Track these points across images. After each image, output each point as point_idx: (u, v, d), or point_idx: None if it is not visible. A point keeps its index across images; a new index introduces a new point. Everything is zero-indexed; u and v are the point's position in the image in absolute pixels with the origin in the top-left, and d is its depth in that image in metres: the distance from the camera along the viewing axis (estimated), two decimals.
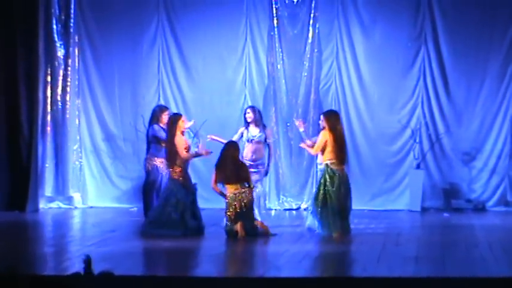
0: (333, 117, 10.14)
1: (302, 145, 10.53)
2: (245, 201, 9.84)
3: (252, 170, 10.39)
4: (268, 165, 10.76)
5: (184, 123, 10.20)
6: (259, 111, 10.97)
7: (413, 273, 7.84)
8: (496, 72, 12.54)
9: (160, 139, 10.65)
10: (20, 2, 12.24)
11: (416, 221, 11.78)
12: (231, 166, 9.86)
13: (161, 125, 10.75)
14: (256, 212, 10.28)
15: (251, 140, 10.70)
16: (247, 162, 10.48)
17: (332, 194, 9.94)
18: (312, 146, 10.22)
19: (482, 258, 8.63)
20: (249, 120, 10.83)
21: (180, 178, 10.03)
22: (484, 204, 12.59)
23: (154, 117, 10.91)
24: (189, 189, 10.08)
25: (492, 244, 9.48)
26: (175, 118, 10.26)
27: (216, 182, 9.99)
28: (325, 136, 10.00)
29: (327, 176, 9.98)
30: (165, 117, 10.80)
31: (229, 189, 9.91)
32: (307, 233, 10.17)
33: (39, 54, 12.42)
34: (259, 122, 10.78)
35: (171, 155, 10.02)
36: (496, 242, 9.62)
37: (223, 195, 9.98)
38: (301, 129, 10.59)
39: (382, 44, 12.67)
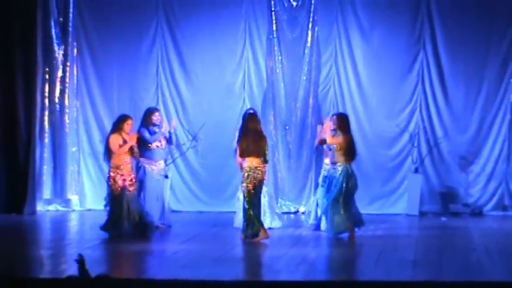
0: (346, 119, 10.28)
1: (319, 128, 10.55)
2: (256, 181, 9.82)
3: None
4: None
5: (129, 126, 10.22)
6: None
7: (411, 277, 7.84)
8: (493, 77, 12.55)
9: (146, 141, 10.67)
10: (18, 4, 12.24)
11: (414, 225, 11.78)
12: (251, 137, 9.84)
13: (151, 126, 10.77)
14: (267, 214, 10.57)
15: None
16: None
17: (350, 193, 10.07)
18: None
19: (479, 263, 8.64)
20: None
21: (118, 176, 10.08)
22: (481, 208, 12.60)
23: (143, 119, 10.94)
24: (124, 188, 10.09)
25: (489, 248, 9.48)
26: (119, 119, 10.33)
27: (241, 155, 9.90)
28: (346, 138, 10.08)
29: (348, 176, 10.05)
30: (154, 119, 10.88)
31: (248, 163, 9.84)
32: (306, 236, 10.18)
33: (37, 57, 12.42)
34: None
35: (106, 153, 10.20)
36: (493, 247, 9.63)
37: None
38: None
39: (380, 48, 12.68)
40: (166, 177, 11.14)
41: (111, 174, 10.17)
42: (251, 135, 9.88)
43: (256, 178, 9.85)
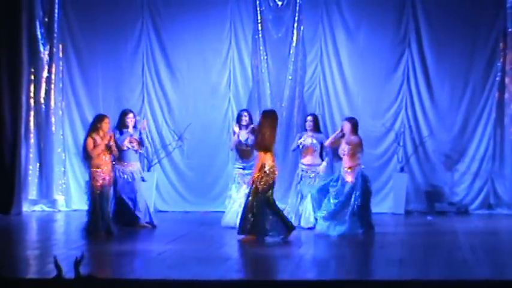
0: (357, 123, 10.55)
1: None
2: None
3: (245, 172, 10.77)
4: None
5: (107, 125, 10.21)
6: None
7: (397, 275, 7.86)
8: (479, 76, 12.62)
9: (117, 142, 10.66)
10: (2, 4, 12.17)
11: (400, 223, 11.83)
12: (273, 133, 9.87)
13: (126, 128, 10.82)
14: None
15: (244, 143, 10.93)
16: (241, 165, 10.83)
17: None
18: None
19: (465, 261, 8.68)
20: (244, 123, 11.04)
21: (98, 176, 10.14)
22: (467, 207, 12.66)
23: (118, 121, 10.99)
24: (104, 187, 10.16)
25: (475, 247, 9.53)
26: (96, 119, 10.34)
27: (271, 151, 9.92)
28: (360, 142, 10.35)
29: (367, 179, 10.37)
30: (127, 121, 10.90)
31: (270, 159, 9.89)
32: (291, 236, 10.21)
33: (22, 57, 12.36)
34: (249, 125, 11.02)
35: (84, 154, 10.30)
36: (478, 245, 9.68)
37: None
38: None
39: (366, 47, 12.72)
40: (143, 179, 11.04)
41: (92, 174, 10.17)
42: (272, 132, 9.94)
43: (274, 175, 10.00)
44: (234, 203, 10.89)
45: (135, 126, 10.97)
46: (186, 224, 11.49)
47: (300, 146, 11.02)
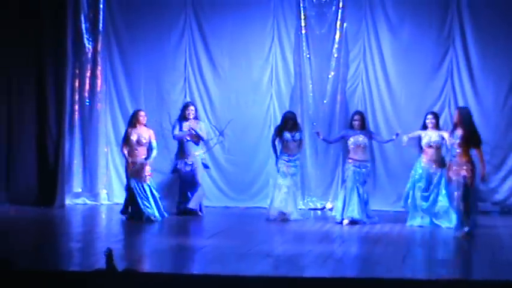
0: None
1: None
2: None
3: (290, 164, 11.27)
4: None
5: (143, 118, 11.15)
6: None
7: (439, 275, 7.79)
8: None
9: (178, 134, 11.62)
10: (48, 0, 12.33)
11: None
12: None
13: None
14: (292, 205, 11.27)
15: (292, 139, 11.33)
16: (287, 158, 11.25)
17: None
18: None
19: (508, 261, 8.57)
20: (289, 126, 11.36)
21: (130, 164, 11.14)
22: (510, 207, 12.48)
23: (180, 114, 11.79)
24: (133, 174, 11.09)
25: None
26: (132, 113, 11.43)
27: None
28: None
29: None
30: (188, 113, 11.60)
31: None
32: (333, 232, 10.18)
33: (67, 52, 12.51)
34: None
35: (121, 146, 11.43)
36: None
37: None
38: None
39: (409, 44, 12.60)
40: (206, 166, 11.88)
41: (126, 165, 11.17)
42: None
43: None
44: (281, 190, 11.22)
45: (196, 118, 11.60)
46: (227, 219, 11.52)
47: (351, 146, 11.09)
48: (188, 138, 11.55)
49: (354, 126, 11.20)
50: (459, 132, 10.20)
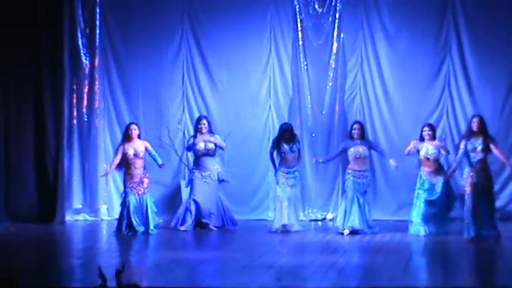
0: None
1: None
2: None
3: (289, 176, 11.20)
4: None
5: (135, 132, 11.28)
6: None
7: (439, 283, 7.79)
8: None
9: (194, 147, 11.63)
10: (45, 15, 12.35)
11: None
12: None
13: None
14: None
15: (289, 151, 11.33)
16: (286, 170, 11.24)
17: None
18: None
19: (509, 269, 8.57)
20: (287, 137, 11.37)
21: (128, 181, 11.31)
22: (510, 214, 12.48)
23: (195, 128, 11.84)
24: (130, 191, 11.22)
25: None
26: (125, 128, 11.54)
27: None
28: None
29: None
30: (201, 126, 11.63)
31: None
32: (334, 243, 10.18)
33: (64, 68, 12.52)
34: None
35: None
36: None
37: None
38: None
39: (406, 53, 12.64)
40: (222, 181, 11.77)
41: (124, 179, 11.27)
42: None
43: None
44: (283, 203, 11.17)
45: (210, 131, 11.60)
46: (228, 232, 11.51)
47: (351, 156, 11.12)
48: (204, 152, 11.52)
49: (353, 135, 11.21)
50: (479, 139, 10.31)
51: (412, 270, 8.70)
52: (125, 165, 11.19)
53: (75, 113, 12.90)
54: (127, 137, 11.25)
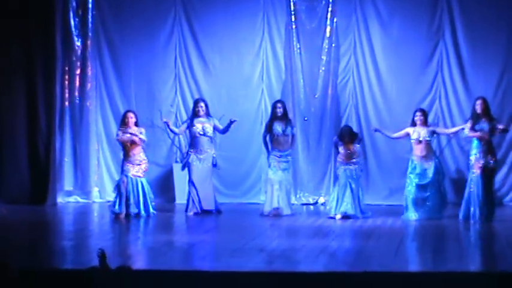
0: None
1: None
2: None
3: (282, 159, 11.18)
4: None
5: (131, 120, 11.15)
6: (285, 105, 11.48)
7: (431, 268, 7.82)
8: None
9: (191, 130, 11.48)
10: None
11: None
12: None
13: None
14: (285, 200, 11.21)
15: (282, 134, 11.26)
16: (278, 153, 11.19)
17: None
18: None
19: (502, 253, 8.59)
20: (278, 114, 11.21)
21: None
22: (501, 199, 12.51)
23: (192, 111, 11.64)
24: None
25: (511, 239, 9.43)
26: (122, 115, 11.40)
27: None
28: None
29: None
30: (198, 109, 11.43)
31: None
32: (326, 227, 10.20)
33: (56, 49, 12.45)
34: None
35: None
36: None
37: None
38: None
39: (399, 38, 12.62)
40: (215, 166, 11.60)
41: (122, 162, 11.19)
42: None
43: None
44: (274, 186, 11.18)
45: (207, 114, 11.44)
46: (220, 215, 11.51)
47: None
48: (201, 133, 11.41)
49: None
50: (484, 122, 10.44)
51: (404, 255, 8.71)
52: (124, 150, 11.11)
53: (67, 95, 12.85)
54: (124, 124, 11.16)
